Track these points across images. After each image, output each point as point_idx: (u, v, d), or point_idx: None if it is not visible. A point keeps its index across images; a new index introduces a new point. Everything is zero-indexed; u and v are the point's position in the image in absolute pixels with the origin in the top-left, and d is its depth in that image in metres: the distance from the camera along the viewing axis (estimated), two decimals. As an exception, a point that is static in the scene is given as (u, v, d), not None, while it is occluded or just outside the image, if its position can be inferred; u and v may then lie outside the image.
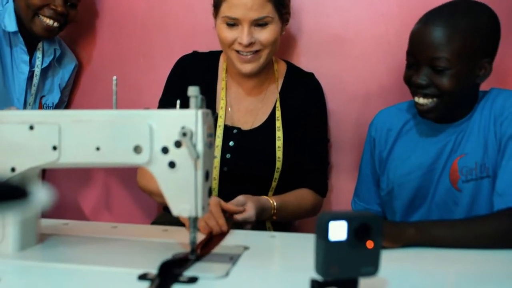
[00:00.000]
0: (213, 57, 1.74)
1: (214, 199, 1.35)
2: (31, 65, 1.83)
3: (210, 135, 1.03)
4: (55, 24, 1.76)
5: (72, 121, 1.04)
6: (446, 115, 1.37)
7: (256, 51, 1.55)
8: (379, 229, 0.78)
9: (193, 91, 1.00)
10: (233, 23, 1.54)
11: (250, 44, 1.53)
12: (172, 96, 1.59)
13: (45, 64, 1.86)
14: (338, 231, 0.76)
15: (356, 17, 1.84)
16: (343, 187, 1.86)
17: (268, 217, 1.48)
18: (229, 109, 1.67)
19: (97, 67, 2.04)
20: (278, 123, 1.64)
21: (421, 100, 1.33)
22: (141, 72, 1.94)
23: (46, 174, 1.96)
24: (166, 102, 1.67)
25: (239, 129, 1.64)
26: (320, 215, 0.77)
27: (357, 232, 0.77)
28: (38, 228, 1.15)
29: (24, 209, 0.56)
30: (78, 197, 2.09)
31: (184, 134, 0.97)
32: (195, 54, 1.74)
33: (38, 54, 1.84)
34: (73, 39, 2.03)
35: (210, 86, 1.68)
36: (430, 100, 1.32)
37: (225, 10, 1.54)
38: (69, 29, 1.92)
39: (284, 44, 1.83)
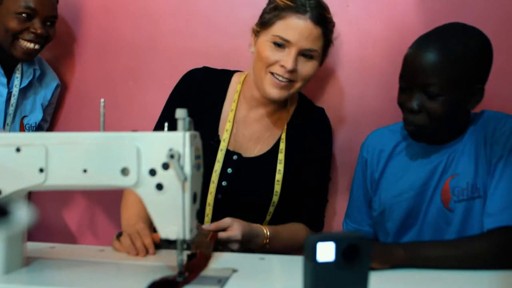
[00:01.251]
0: (225, 76, 1.68)
1: (141, 224, 1.37)
2: (9, 87, 1.81)
3: (198, 157, 1.03)
4: (36, 46, 1.76)
5: (59, 143, 1.04)
6: (437, 138, 1.38)
7: (291, 81, 1.51)
8: (367, 250, 0.78)
9: (180, 113, 1.00)
10: (281, 44, 1.47)
11: (292, 71, 1.48)
12: (173, 109, 1.58)
13: (23, 85, 1.84)
14: (326, 252, 0.76)
15: (343, 39, 1.85)
16: (334, 208, 1.86)
17: (260, 244, 1.43)
18: (234, 131, 1.61)
19: (83, 88, 2.03)
20: (281, 156, 1.59)
21: (412, 128, 1.33)
22: (129, 94, 1.94)
23: (31, 196, 1.94)
24: (166, 114, 1.62)
25: (239, 155, 1.59)
26: (308, 237, 0.77)
27: (345, 253, 0.77)
28: (24, 251, 1.14)
29: (5, 228, 0.56)
30: (64, 220, 2.07)
31: (172, 156, 0.97)
32: (205, 69, 1.67)
33: (17, 75, 1.83)
34: (57, 59, 2.03)
35: (216, 105, 1.63)
36: (421, 124, 1.31)
37: (279, 30, 1.48)
38: (54, 50, 1.92)
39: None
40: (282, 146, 1.60)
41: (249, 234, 1.38)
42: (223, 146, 1.57)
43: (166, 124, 1.04)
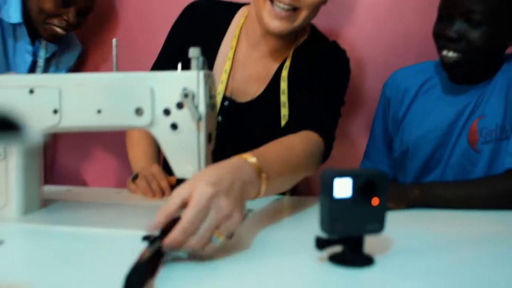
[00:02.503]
0: (229, 8, 1.50)
1: (156, 166, 1.35)
2: (34, 54, 1.80)
3: (212, 97, 1.02)
4: (64, 32, 1.74)
5: (73, 85, 1.03)
6: (471, 73, 1.33)
7: (295, 9, 1.30)
8: (384, 187, 0.78)
9: (194, 52, 0.98)
10: None
11: None
12: (171, 43, 1.51)
13: (48, 54, 1.83)
14: (343, 188, 0.76)
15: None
16: (348, 152, 1.85)
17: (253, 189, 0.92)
18: (232, 72, 1.43)
19: (97, 31, 2.02)
20: (284, 98, 1.40)
21: (450, 54, 1.29)
22: (143, 34, 1.92)
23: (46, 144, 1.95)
24: (165, 50, 1.52)
25: (231, 101, 1.42)
26: (324, 172, 0.76)
27: (362, 189, 0.76)
28: (41, 193, 1.15)
29: (19, 142, 0.55)
30: (79, 165, 2.10)
31: (186, 96, 0.96)
32: (207, 1, 1.50)
33: (42, 46, 1.81)
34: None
35: (215, 41, 1.46)
36: (458, 54, 1.28)
37: None
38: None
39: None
40: (284, 85, 1.40)
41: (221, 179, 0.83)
42: (220, 89, 1.42)
43: (179, 64, 1.03)
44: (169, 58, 1.46)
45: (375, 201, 0.77)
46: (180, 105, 0.98)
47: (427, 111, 1.42)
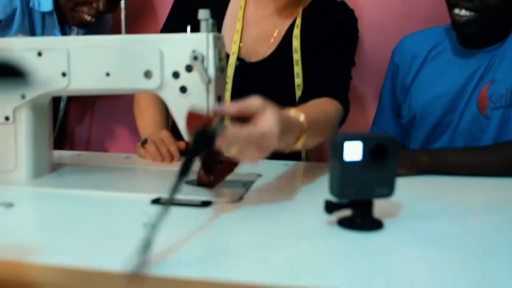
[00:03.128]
0: None
1: (165, 131, 1.35)
2: None
3: (221, 60, 1.01)
4: (93, 19, 1.68)
5: (81, 47, 1.02)
6: (483, 34, 1.30)
7: None
8: (394, 150, 0.77)
9: (203, 14, 0.97)
10: None
11: None
12: (176, 14, 1.52)
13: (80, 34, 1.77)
14: (353, 151, 0.75)
15: None
16: (356, 118, 1.83)
17: (290, 145, 0.99)
18: (243, 32, 1.44)
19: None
20: (296, 56, 1.40)
21: (462, 12, 1.25)
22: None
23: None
24: (169, 20, 1.53)
25: (242, 60, 1.42)
26: (335, 136, 0.76)
27: (373, 152, 0.76)
28: (51, 157, 1.15)
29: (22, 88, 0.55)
30: (88, 130, 2.10)
31: (195, 58, 0.95)
32: None
33: (72, 33, 1.75)
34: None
35: (220, 1, 1.48)
36: (471, 13, 1.25)
37: None
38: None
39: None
40: (296, 44, 1.40)
41: (284, 128, 0.89)
42: (234, 49, 1.42)
43: (188, 27, 1.01)
44: (176, 24, 1.46)
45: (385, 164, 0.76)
46: (189, 68, 0.97)
47: (435, 76, 1.40)
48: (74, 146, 2.10)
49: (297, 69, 1.41)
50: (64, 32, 1.75)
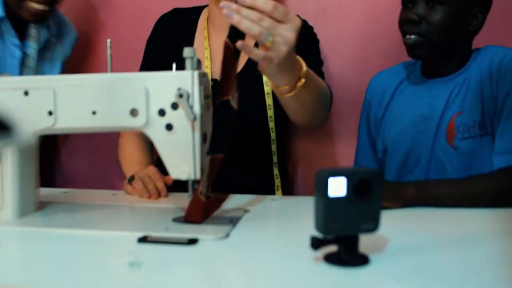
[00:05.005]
0: (195, 11, 1.66)
1: (152, 167, 1.37)
2: (24, 45, 1.72)
3: (207, 97, 1.02)
4: (45, 7, 1.61)
5: (67, 86, 1.03)
6: (436, 54, 1.35)
7: None
8: (378, 185, 0.77)
9: (188, 52, 0.98)
10: None
11: None
12: (149, 55, 1.64)
13: (40, 45, 1.76)
14: (337, 187, 0.75)
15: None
16: (345, 151, 1.85)
17: (296, 75, 1.12)
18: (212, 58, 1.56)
19: (91, 31, 2.02)
20: None
21: (411, 37, 1.32)
22: (136, 35, 1.92)
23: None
24: (144, 62, 1.64)
25: (215, 80, 1.49)
26: (319, 172, 0.76)
27: (357, 188, 0.76)
28: (37, 196, 1.14)
29: (8, 140, 0.56)
30: (75, 167, 2.09)
31: (181, 96, 0.96)
32: (174, 10, 1.68)
33: (31, 35, 1.72)
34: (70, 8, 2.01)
35: (188, 38, 1.60)
36: (418, 36, 1.32)
37: None
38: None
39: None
40: None
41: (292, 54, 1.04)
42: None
43: (174, 64, 1.03)
44: (152, 62, 1.60)
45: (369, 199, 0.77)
46: (175, 106, 0.98)
47: (403, 108, 1.44)
48: (60, 183, 2.09)
49: (266, 78, 1.48)
50: (23, 36, 1.71)
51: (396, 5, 1.74)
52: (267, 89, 1.52)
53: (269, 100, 1.52)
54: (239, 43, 0.94)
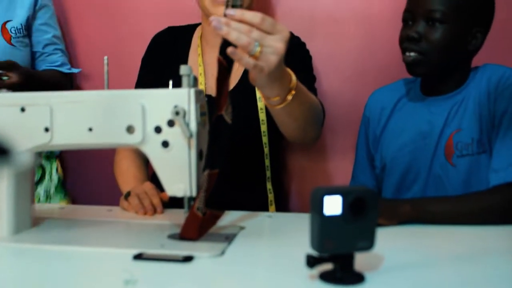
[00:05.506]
0: (189, 29, 1.69)
1: (148, 184, 1.37)
2: None
3: (203, 114, 1.02)
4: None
5: (64, 102, 1.03)
6: (436, 72, 1.36)
7: None
8: (374, 203, 0.78)
9: (184, 69, 0.99)
10: None
11: None
12: (145, 73, 1.66)
13: None
14: (333, 205, 0.76)
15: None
16: (340, 167, 1.86)
17: (286, 87, 1.13)
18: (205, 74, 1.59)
19: (89, 48, 2.03)
20: None
21: (411, 54, 1.33)
22: (133, 53, 1.93)
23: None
24: (140, 80, 1.65)
25: (209, 96, 1.47)
26: (315, 190, 0.77)
27: (352, 206, 0.76)
28: (33, 212, 1.14)
29: (8, 166, 0.56)
30: (71, 182, 2.09)
31: (177, 113, 0.96)
32: (168, 29, 1.70)
33: None
34: (64, 22, 2.02)
35: (182, 56, 1.63)
36: (418, 54, 1.32)
37: None
38: (59, 13, 1.91)
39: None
40: None
41: (282, 67, 1.06)
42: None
43: (170, 82, 1.04)
44: (148, 80, 1.60)
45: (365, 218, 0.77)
46: (171, 123, 0.98)
47: (402, 125, 1.45)
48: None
49: (259, 94, 1.51)
50: None
51: (391, 23, 1.76)
52: (260, 104, 1.53)
53: (262, 116, 1.54)
54: (229, 49, 0.95)
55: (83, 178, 2.09)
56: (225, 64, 1.00)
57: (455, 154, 1.33)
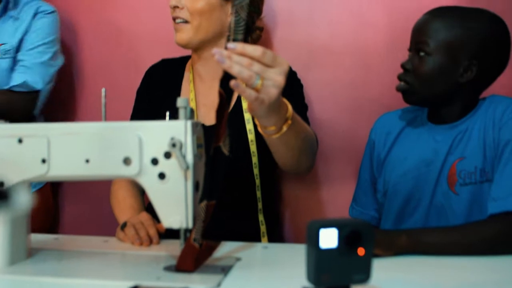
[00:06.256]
0: (182, 61, 1.72)
1: (144, 214, 1.37)
2: None
3: (200, 146, 1.03)
4: None
5: (61, 134, 1.04)
6: (427, 102, 1.40)
7: (186, 22, 1.53)
8: (370, 236, 0.78)
9: (181, 102, 1.00)
10: None
11: (177, 8, 1.52)
12: (140, 105, 1.68)
13: None
14: (329, 238, 0.76)
15: (345, 29, 1.86)
16: (335, 197, 1.86)
17: (283, 117, 1.16)
18: (197, 102, 1.62)
19: (85, 78, 2.05)
20: (248, 115, 1.55)
21: (401, 84, 1.38)
22: (130, 84, 1.94)
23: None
24: (135, 112, 1.68)
25: (202, 125, 1.54)
26: (310, 223, 0.77)
27: (348, 239, 0.77)
28: (28, 243, 1.14)
29: (6, 212, 0.56)
30: (67, 212, 2.08)
31: (174, 145, 0.97)
32: (162, 61, 1.74)
33: None
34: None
35: (176, 87, 1.66)
36: (406, 83, 1.37)
37: None
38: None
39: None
40: (246, 105, 1.54)
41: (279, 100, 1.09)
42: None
43: (167, 113, 1.05)
44: (140, 118, 1.60)
45: (361, 251, 0.77)
46: (168, 155, 0.99)
47: (406, 152, 1.46)
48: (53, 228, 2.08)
49: (249, 126, 1.54)
50: None
51: (386, 55, 1.79)
52: (250, 136, 1.55)
53: (253, 148, 1.55)
54: (232, 82, 0.97)
55: (79, 208, 2.08)
56: (225, 97, 1.02)
57: (458, 182, 1.34)
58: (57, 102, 2.03)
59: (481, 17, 1.36)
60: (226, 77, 0.99)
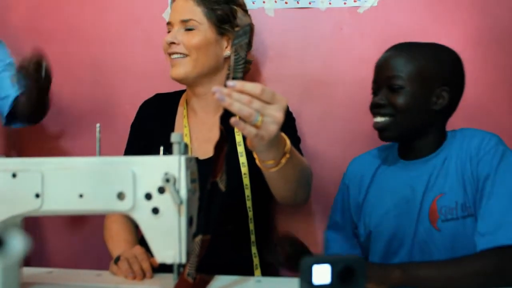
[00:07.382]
0: (175, 95, 1.74)
1: (138, 248, 1.37)
2: None
3: (194, 181, 1.03)
4: None
5: (55, 169, 1.04)
6: (405, 136, 1.40)
7: (184, 56, 1.56)
8: (362, 271, 0.78)
9: (175, 137, 1.00)
10: (168, 30, 1.60)
11: (173, 44, 1.56)
12: (134, 140, 1.70)
13: None
14: (322, 274, 0.76)
15: (338, 63, 1.88)
16: (322, 230, 1.86)
17: (281, 152, 1.19)
18: (190, 136, 1.63)
19: (78, 113, 2.06)
20: (240, 149, 1.58)
21: (378, 119, 1.39)
22: (125, 117, 1.96)
23: (27, 221, 1.94)
24: (129, 146, 1.69)
25: (196, 159, 1.55)
26: (303, 259, 0.77)
27: (341, 275, 0.77)
28: (21, 277, 1.13)
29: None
30: (61, 245, 2.07)
31: (168, 180, 0.97)
32: (156, 96, 1.76)
33: None
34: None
35: (169, 121, 1.68)
36: (386, 118, 1.38)
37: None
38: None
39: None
40: (239, 138, 1.59)
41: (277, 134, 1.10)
42: None
43: (161, 148, 1.05)
44: (134, 153, 1.59)
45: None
46: (161, 190, 0.99)
47: (384, 192, 1.46)
48: (45, 261, 2.07)
49: (242, 159, 1.56)
50: None
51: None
52: (243, 169, 1.56)
53: (246, 181, 1.56)
54: (232, 120, 1.00)
55: (72, 240, 2.07)
56: (225, 134, 1.04)
57: (439, 218, 1.34)
58: (51, 137, 2.04)
59: (442, 47, 1.42)
60: (226, 114, 1.00)
